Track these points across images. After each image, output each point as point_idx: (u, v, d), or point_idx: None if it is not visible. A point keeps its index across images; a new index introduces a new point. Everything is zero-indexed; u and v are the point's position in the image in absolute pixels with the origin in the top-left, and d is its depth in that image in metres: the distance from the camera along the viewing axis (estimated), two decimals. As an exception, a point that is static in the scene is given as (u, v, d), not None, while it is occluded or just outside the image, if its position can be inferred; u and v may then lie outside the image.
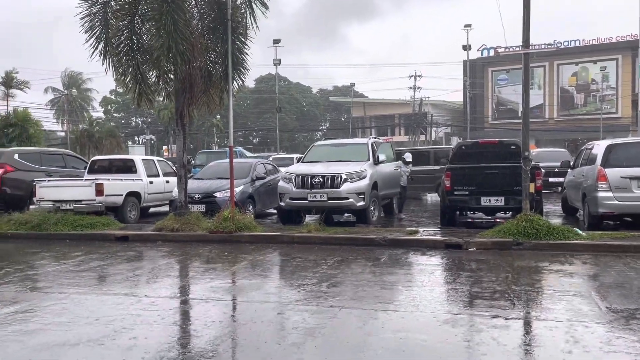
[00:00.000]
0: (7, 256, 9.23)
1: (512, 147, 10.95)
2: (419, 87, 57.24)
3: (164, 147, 62.24)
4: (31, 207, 12.78)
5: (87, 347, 4.45)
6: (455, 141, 27.50)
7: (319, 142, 15.00)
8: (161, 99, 12.44)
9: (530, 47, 9.50)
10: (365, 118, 68.48)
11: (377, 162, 11.99)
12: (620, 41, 50.10)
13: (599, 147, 10.39)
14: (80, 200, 11.87)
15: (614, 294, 5.80)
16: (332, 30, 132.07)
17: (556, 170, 16.34)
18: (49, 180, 12.50)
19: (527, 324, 4.94)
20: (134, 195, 12.96)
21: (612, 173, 9.63)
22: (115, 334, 4.76)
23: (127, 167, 13.69)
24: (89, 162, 14.49)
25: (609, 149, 10.01)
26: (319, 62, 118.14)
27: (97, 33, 10.59)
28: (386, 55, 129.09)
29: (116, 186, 12.46)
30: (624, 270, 6.92)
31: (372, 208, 11.46)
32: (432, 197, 18.91)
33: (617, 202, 9.58)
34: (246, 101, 79.23)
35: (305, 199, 11.08)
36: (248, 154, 29.24)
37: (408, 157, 14.33)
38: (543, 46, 49.42)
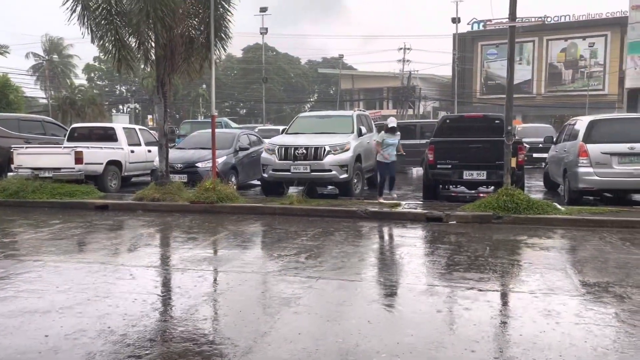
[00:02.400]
0: (-16, 224, 9.08)
1: (496, 121, 10.93)
2: (408, 60, 56.81)
3: (149, 117, 61.31)
4: (9, 174, 12.55)
5: (59, 314, 4.40)
6: (442, 115, 27.49)
7: (303, 114, 14.84)
8: (142, 65, 12.15)
9: (517, 20, 9.39)
10: (354, 91, 67.97)
11: (360, 134, 11.91)
12: (610, 17, 49.90)
13: (582, 123, 10.42)
14: (59, 168, 11.68)
15: (589, 267, 5.88)
16: (326, 1, 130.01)
17: (540, 145, 16.40)
18: (27, 147, 12.27)
19: (501, 296, 4.98)
20: (114, 164, 12.78)
21: (593, 149, 9.68)
22: (88, 302, 4.71)
23: (108, 136, 13.46)
24: (69, 130, 14.22)
25: (591, 124, 10.03)
26: (311, 33, 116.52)
27: (75, -6, 10.24)
28: (379, 27, 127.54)
29: (96, 154, 12.26)
30: (599, 244, 7.00)
31: (355, 181, 11.43)
32: (418, 171, 18.94)
33: (597, 177, 9.64)
34: (233, 71, 78.10)
35: (288, 170, 11.00)
36: (233, 124, 28.96)
37: (392, 121, 10.85)
38: (533, 19, 49.02)
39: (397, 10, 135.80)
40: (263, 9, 45.27)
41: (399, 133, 10.86)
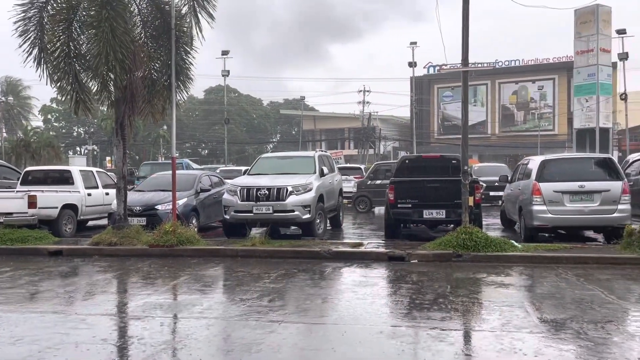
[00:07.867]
0: None
1: (453, 161, 11.23)
2: (367, 102, 58.18)
3: (107, 158, 60.02)
4: (-44, 220, 11.98)
5: (6, 369, 4.17)
6: (402, 155, 28.24)
7: (265, 155, 14.89)
8: (103, 108, 12.02)
9: (470, 66, 9.83)
10: (316, 131, 68.88)
11: (322, 174, 12.02)
12: (557, 62, 52.85)
13: (534, 163, 10.83)
14: (11, 213, 11.23)
15: (546, 304, 6.01)
16: (293, 45, 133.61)
17: (496, 184, 16.92)
18: (-23, 192, 11.79)
19: (463, 335, 5.02)
20: (70, 207, 12.38)
21: (546, 187, 10.03)
22: (39, 354, 4.49)
23: (64, 179, 13.08)
24: (22, 173, 13.78)
25: (543, 164, 10.44)
26: (275, 75, 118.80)
27: (32, 38, 10.12)
28: (348, 72, 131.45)
29: (51, 198, 11.88)
30: (556, 281, 7.19)
31: (318, 221, 11.43)
32: (380, 210, 19.14)
33: (550, 215, 9.97)
34: (195, 112, 78.01)
35: (251, 211, 10.92)
36: (194, 165, 28.71)
37: None
38: (485, 65, 51.50)
39: (361, 55, 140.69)
40: (225, 52, 45.57)
41: None
